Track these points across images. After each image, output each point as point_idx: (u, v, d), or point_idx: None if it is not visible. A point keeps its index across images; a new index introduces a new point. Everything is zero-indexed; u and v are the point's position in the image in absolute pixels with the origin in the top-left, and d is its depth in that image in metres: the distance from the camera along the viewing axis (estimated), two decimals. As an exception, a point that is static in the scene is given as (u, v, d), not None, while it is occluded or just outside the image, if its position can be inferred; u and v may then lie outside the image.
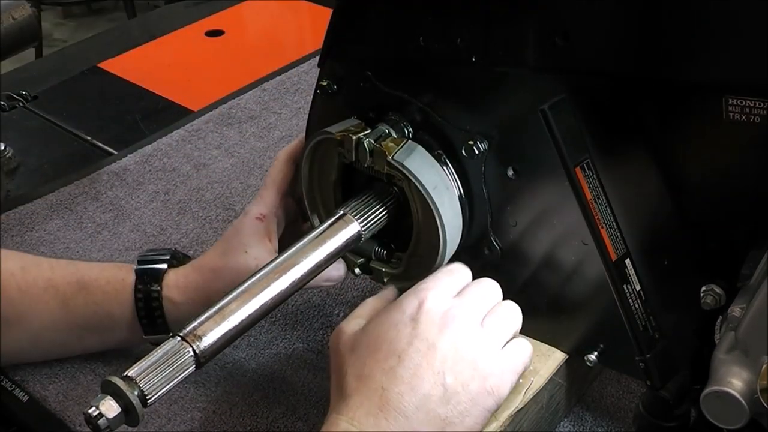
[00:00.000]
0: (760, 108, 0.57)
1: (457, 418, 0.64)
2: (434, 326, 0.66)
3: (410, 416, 0.63)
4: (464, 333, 0.67)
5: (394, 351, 0.65)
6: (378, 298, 0.75)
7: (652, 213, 0.66)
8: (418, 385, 0.63)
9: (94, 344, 0.85)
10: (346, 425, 0.62)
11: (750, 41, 0.55)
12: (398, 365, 0.64)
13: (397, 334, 0.66)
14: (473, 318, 0.68)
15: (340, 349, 0.69)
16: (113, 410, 0.58)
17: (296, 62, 1.40)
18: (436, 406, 0.63)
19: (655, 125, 0.62)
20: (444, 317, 0.67)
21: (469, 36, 0.66)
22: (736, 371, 0.59)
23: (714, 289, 0.64)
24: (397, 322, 0.67)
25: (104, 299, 0.81)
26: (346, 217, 0.72)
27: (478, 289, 0.72)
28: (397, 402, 0.63)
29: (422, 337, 0.65)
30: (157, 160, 1.19)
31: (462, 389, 0.64)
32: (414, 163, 0.70)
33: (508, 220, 0.72)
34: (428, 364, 0.64)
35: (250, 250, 0.78)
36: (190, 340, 0.62)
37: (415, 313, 0.67)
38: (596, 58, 0.62)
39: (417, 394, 0.63)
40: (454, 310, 0.68)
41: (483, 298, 0.71)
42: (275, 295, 0.67)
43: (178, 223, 1.07)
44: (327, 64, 0.77)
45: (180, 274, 0.81)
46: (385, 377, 0.64)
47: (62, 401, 0.83)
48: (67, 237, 1.05)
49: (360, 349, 0.67)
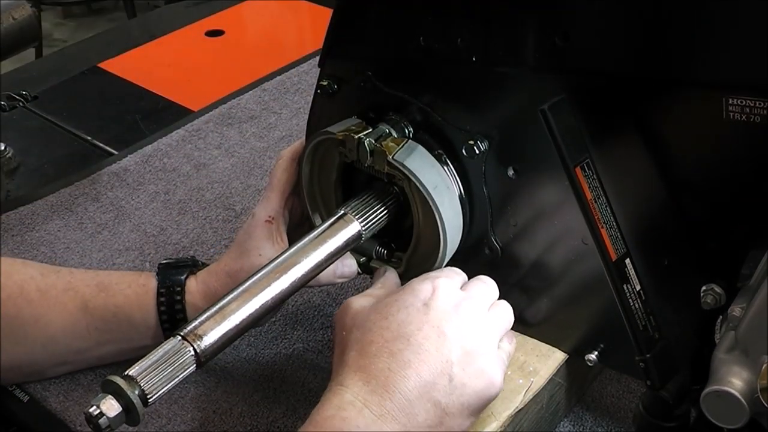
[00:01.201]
0: (761, 108, 0.57)
1: (457, 409, 0.64)
2: (446, 314, 0.67)
3: (413, 400, 0.63)
4: (472, 325, 0.67)
5: (404, 334, 0.65)
6: (383, 285, 0.75)
7: (652, 212, 0.66)
8: (425, 371, 0.64)
9: (110, 351, 0.83)
10: (351, 398, 0.63)
11: (750, 41, 0.55)
12: (406, 348, 0.65)
13: (407, 317, 0.66)
14: (480, 312, 0.69)
15: (347, 323, 0.69)
16: (114, 409, 0.58)
17: (296, 62, 1.40)
18: (439, 395, 0.64)
19: (655, 125, 0.62)
20: (456, 307, 0.68)
21: (470, 36, 0.66)
22: (737, 371, 0.60)
23: (714, 288, 0.64)
24: (409, 304, 0.67)
25: (125, 302, 0.81)
26: (347, 216, 0.73)
27: (481, 285, 0.72)
28: (402, 385, 0.63)
29: (433, 324, 0.66)
30: (157, 160, 1.19)
31: (468, 381, 0.65)
32: (414, 163, 0.70)
33: (508, 219, 0.72)
34: (437, 352, 0.65)
35: (263, 253, 0.78)
36: (191, 339, 0.62)
37: (428, 299, 0.68)
38: (596, 58, 0.62)
39: (422, 380, 0.64)
40: (464, 302, 0.69)
41: (485, 294, 0.72)
42: (276, 295, 0.67)
43: (178, 223, 1.07)
44: (327, 64, 0.77)
45: (199, 279, 0.81)
46: (392, 359, 0.64)
47: (62, 401, 0.83)
48: (68, 237, 1.05)
49: (367, 325, 0.67)
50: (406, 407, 0.63)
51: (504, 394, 0.71)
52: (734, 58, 0.56)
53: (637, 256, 0.65)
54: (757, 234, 0.61)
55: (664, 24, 0.58)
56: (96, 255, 1.02)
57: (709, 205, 0.63)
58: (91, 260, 1.01)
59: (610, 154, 0.64)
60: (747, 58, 0.56)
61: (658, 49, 0.59)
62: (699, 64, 0.58)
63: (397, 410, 0.63)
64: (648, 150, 0.63)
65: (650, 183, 0.64)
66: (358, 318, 0.69)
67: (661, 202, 0.64)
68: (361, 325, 0.68)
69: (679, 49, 0.58)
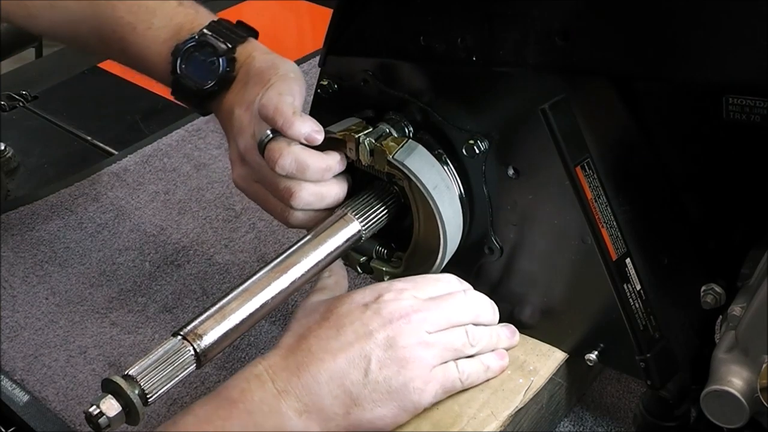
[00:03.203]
0: (761, 107, 0.57)
1: (367, 404, 0.66)
2: (379, 318, 0.68)
3: (322, 383, 0.65)
4: (406, 334, 0.68)
5: (336, 325, 0.68)
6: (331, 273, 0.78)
7: (652, 211, 0.66)
8: (342, 359, 0.66)
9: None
10: (260, 370, 0.66)
11: (750, 41, 0.55)
12: (333, 337, 0.67)
13: (347, 311, 0.69)
14: (425, 324, 0.69)
15: (298, 313, 0.72)
16: (114, 409, 0.59)
17: (296, 62, 1.39)
18: (350, 385, 0.66)
19: (655, 124, 0.62)
20: (392, 314, 0.68)
21: (470, 36, 0.66)
22: (736, 370, 0.60)
23: (714, 288, 0.64)
24: (351, 302, 0.70)
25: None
26: (347, 216, 0.73)
27: (453, 302, 0.72)
28: (315, 367, 0.65)
29: (364, 322, 0.68)
30: (157, 160, 1.19)
31: (383, 380, 0.66)
32: (414, 163, 0.70)
33: (508, 219, 0.72)
34: (359, 346, 0.67)
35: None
36: (191, 339, 0.63)
37: (370, 302, 0.70)
38: (596, 58, 0.62)
39: (337, 366, 0.66)
40: (414, 314, 0.69)
41: (452, 310, 0.71)
42: (276, 294, 0.67)
43: (178, 223, 1.07)
44: (328, 64, 0.77)
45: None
46: (317, 343, 0.67)
47: (62, 401, 0.84)
48: (68, 237, 1.05)
49: (312, 315, 0.70)
50: (313, 387, 0.65)
51: (504, 394, 0.72)
52: (734, 58, 0.56)
53: (638, 255, 0.65)
54: (757, 233, 0.61)
55: (663, 23, 0.58)
56: (96, 255, 1.03)
57: (710, 204, 0.63)
58: (91, 260, 1.02)
59: (610, 154, 0.64)
60: (747, 58, 0.56)
61: (656, 48, 0.59)
62: (697, 63, 0.58)
63: (302, 388, 0.65)
64: (648, 149, 0.63)
65: (651, 182, 0.64)
66: (309, 308, 0.72)
67: (662, 200, 0.64)
68: (308, 315, 0.71)
69: (678, 49, 0.58)
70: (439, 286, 0.73)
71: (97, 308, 0.95)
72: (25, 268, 1.01)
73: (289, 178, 0.72)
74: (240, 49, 0.80)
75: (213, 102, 0.81)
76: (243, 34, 0.81)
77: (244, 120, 0.76)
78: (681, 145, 0.63)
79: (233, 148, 0.78)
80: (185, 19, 0.82)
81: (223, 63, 0.79)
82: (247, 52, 0.80)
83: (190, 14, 0.83)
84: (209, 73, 0.79)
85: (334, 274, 0.77)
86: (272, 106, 0.71)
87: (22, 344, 0.91)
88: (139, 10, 0.83)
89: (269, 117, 0.71)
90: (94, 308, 0.95)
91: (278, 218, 0.78)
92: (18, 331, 0.93)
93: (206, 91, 0.80)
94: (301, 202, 0.73)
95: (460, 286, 0.75)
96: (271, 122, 0.71)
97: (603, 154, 0.64)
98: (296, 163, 0.70)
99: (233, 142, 0.77)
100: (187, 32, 0.80)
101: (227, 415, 0.64)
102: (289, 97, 0.72)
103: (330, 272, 0.76)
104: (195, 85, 0.80)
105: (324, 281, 0.76)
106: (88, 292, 0.98)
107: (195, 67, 0.80)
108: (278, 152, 0.70)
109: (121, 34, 0.83)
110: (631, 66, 0.61)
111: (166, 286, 0.98)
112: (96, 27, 0.86)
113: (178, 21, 0.82)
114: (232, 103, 0.78)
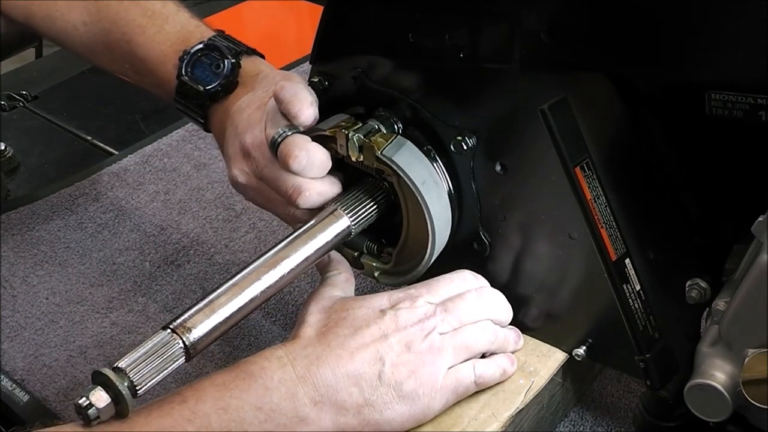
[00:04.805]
0: (743, 103, 0.56)
1: (378, 406, 0.67)
2: (394, 324, 0.69)
3: (339, 378, 0.66)
4: (419, 340, 0.69)
5: (354, 325, 0.69)
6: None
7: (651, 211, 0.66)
8: (358, 359, 0.67)
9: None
10: (281, 353, 0.67)
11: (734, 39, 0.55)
12: (350, 337, 0.68)
13: (364, 315, 0.70)
14: (438, 329, 0.70)
15: (311, 306, 0.72)
16: (103, 400, 0.59)
17: (296, 62, 1.40)
18: (364, 385, 0.67)
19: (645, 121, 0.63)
20: (408, 320, 0.70)
21: (457, 33, 0.67)
22: (720, 364, 0.60)
23: (699, 283, 0.64)
24: (369, 306, 0.71)
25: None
26: (337, 212, 0.73)
27: (466, 302, 0.73)
28: (333, 362, 0.67)
29: (380, 326, 0.69)
30: (158, 160, 1.19)
31: (395, 383, 0.67)
32: (403, 159, 0.71)
33: (496, 214, 0.73)
34: (374, 348, 0.68)
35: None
36: (180, 332, 0.63)
37: (387, 308, 0.71)
38: (581, 55, 0.62)
39: (353, 365, 0.67)
40: (425, 319, 0.70)
41: (465, 310, 0.72)
42: (265, 289, 0.68)
43: (178, 223, 1.08)
44: (318, 61, 0.78)
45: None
46: (335, 339, 0.68)
47: (62, 401, 0.84)
48: (68, 237, 1.06)
49: (329, 312, 0.71)
50: (331, 380, 0.66)
51: (505, 395, 0.72)
52: (714, 56, 0.56)
53: (638, 255, 0.65)
54: (742, 229, 0.61)
55: (644, 19, 0.58)
56: (96, 255, 1.03)
57: (698, 200, 0.63)
58: (91, 260, 1.02)
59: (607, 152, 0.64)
60: (730, 56, 0.56)
61: (638, 46, 0.59)
62: (679, 60, 0.58)
63: (320, 378, 0.66)
64: (645, 147, 0.63)
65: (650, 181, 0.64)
66: (323, 304, 0.72)
67: (661, 199, 0.65)
68: (323, 310, 0.71)
69: (659, 46, 0.58)
70: (452, 286, 0.74)
71: (97, 308, 0.96)
72: (25, 268, 1.02)
73: (296, 175, 0.73)
74: (247, 61, 0.83)
75: (212, 105, 0.83)
76: (251, 48, 0.85)
77: (254, 116, 0.77)
78: (669, 142, 0.63)
79: (234, 145, 0.79)
80: (196, 29, 0.86)
81: (228, 66, 0.82)
82: (254, 66, 0.83)
83: (201, 26, 0.87)
84: (214, 76, 0.82)
85: (344, 271, 0.77)
86: (292, 89, 0.74)
87: (22, 344, 0.91)
88: (153, 15, 0.87)
89: (286, 99, 0.73)
90: (95, 308, 0.96)
91: (279, 214, 0.79)
92: (18, 331, 0.93)
93: (209, 92, 0.82)
94: (308, 201, 0.74)
95: (475, 282, 0.75)
96: (288, 105, 0.73)
97: (601, 153, 0.64)
98: (308, 159, 0.72)
99: (235, 138, 0.79)
100: (197, 39, 0.84)
101: (246, 387, 0.65)
102: (307, 91, 0.75)
103: (339, 269, 0.77)
104: (198, 87, 0.82)
105: (334, 278, 0.76)
106: (89, 292, 0.98)
107: (200, 71, 0.83)
108: (298, 147, 0.72)
109: (130, 36, 0.86)
110: (614, 63, 0.61)
111: (166, 286, 0.98)
112: (104, 30, 0.88)
113: (189, 29, 0.86)
114: (237, 105, 0.80)
